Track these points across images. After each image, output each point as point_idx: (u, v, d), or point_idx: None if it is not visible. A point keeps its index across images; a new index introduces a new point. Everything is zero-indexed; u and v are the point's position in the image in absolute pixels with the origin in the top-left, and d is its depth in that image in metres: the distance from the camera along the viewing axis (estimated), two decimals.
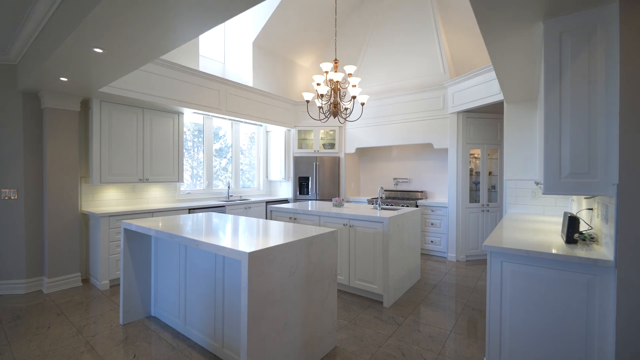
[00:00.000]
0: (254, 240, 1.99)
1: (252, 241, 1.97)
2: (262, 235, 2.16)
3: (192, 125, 5.35)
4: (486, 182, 4.97)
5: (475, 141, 4.93)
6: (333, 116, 4.22)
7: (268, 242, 1.92)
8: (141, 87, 3.91)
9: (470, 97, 4.55)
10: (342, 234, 3.50)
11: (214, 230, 2.37)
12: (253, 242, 1.95)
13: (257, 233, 2.24)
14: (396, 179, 6.18)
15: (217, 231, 2.32)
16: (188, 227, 2.49)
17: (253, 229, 2.44)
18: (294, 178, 6.17)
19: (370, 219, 3.26)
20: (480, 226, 4.94)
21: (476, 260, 4.89)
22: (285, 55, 6.73)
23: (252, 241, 1.97)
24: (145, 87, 3.94)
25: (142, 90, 3.91)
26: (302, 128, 6.23)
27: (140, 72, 3.88)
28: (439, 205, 5.08)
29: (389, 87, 5.72)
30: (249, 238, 2.07)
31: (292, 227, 2.49)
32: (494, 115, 4.96)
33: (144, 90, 3.93)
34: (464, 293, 3.57)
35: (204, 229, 2.38)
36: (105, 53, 2.38)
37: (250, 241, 1.97)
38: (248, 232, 2.30)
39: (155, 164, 4.36)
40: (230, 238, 2.07)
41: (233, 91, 5.06)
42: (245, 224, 2.65)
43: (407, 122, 5.43)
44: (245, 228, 2.47)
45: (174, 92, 4.25)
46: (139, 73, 3.87)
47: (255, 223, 2.72)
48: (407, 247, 3.61)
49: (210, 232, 2.26)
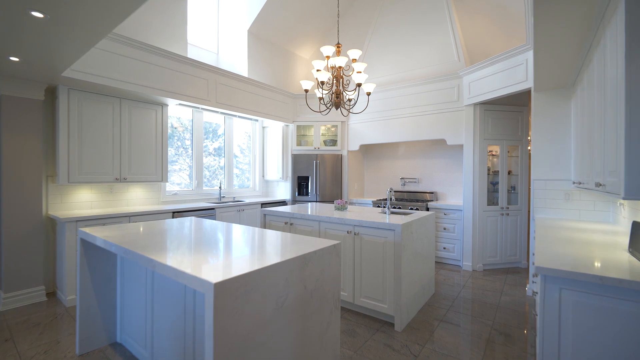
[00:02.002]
0: (230, 260, 1.49)
1: (227, 261, 1.47)
2: (243, 252, 1.66)
3: (187, 122, 4.86)
4: (505, 183, 4.45)
5: (494, 137, 4.42)
6: (335, 108, 3.72)
7: (248, 264, 1.42)
8: (117, 74, 3.42)
9: (489, 87, 4.03)
10: (345, 243, 3.00)
11: (185, 242, 1.87)
12: (227, 263, 1.45)
13: (237, 248, 1.74)
14: (404, 179, 5.67)
15: (188, 245, 1.82)
16: (157, 237, 1.99)
17: (234, 241, 1.94)
18: (292, 178, 5.67)
19: (379, 226, 2.76)
20: (499, 232, 4.43)
21: (494, 270, 4.38)
22: (284, 45, 6.23)
23: (226, 262, 1.47)
24: (122, 74, 3.45)
25: (118, 77, 3.42)
26: (301, 123, 5.74)
27: (115, 56, 3.39)
28: (452, 208, 4.57)
29: (396, 78, 5.21)
30: (224, 256, 1.57)
31: (284, 239, 1.99)
32: (514, 108, 4.45)
33: (120, 77, 3.44)
34: (488, 312, 3.06)
35: (173, 242, 1.89)
36: (48, 19, 1.89)
37: (223, 262, 1.47)
38: (226, 246, 1.80)
39: (134, 162, 3.87)
40: (200, 256, 1.57)
41: (224, 81, 4.56)
42: (226, 235, 2.15)
43: (417, 115, 4.92)
44: (226, 240, 1.97)
45: (155, 80, 3.75)
46: (113, 57, 3.38)
47: (241, 233, 2.22)
48: (421, 257, 3.11)
49: (179, 246, 1.76)
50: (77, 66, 3.12)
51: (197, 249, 1.71)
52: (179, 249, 1.68)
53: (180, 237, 2.01)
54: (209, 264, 1.41)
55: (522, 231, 4.50)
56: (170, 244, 1.80)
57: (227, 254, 1.60)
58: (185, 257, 1.52)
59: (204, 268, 1.34)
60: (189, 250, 1.68)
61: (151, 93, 3.71)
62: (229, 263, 1.43)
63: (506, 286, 3.76)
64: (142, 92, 3.64)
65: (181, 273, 1.31)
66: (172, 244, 1.81)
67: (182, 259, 1.48)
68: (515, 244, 4.48)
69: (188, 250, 1.66)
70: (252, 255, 1.58)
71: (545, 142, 3.37)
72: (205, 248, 1.73)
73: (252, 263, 1.43)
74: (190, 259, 1.50)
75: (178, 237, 2.01)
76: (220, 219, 4.49)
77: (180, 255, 1.56)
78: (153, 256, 1.52)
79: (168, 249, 1.70)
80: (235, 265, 1.38)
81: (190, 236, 2.06)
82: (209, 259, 1.49)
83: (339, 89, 3.68)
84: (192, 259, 1.49)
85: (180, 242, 1.86)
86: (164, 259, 1.48)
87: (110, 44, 3.35)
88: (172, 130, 4.80)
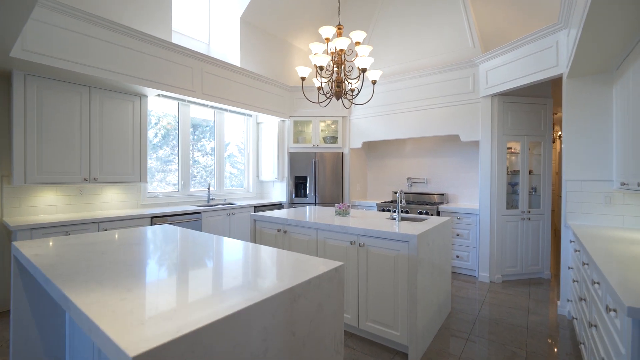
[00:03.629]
0: (181, 303, 1.01)
1: (174, 306, 0.99)
2: (205, 286, 1.18)
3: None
4: (526, 183, 3.98)
5: (514, 132, 3.94)
6: (336, 98, 3.24)
7: (205, 310, 0.94)
8: (85, 58, 2.95)
9: (510, 75, 3.56)
10: (348, 256, 2.52)
11: (135, 267, 1.39)
12: (174, 308, 0.97)
13: (199, 278, 1.26)
14: (410, 179, 5.20)
15: (136, 271, 1.34)
16: (102, 259, 1.52)
17: (200, 265, 1.47)
18: (288, 178, 5.19)
19: (390, 236, 2.28)
20: (519, 238, 3.95)
21: (515, 282, 3.90)
22: (280, 35, 5.76)
23: (173, 306, 0.99)
24: (91, 58, 2.98)
25: (86, 61, 2.95)
26: (298, 118, 5.26)
27: (83, 37, 2.92)
28: (466, 211, 4.09)
29: (403, 68, 4.73)
30: (176, 295, 1.10)
31: (268, 259, 1.51)
32: (537, 100, 3.97)
33: (89, 62, 2.97)
34: (517, 337, 2.58)
35: (119, 267, 1.41)
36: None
37: (168, 307, 0.99)
38: (184, 274, 1.33)
39: (107, 160, 3.40)
40: (140, 294, 1.09)
41: (211, 70, 4.08)
42: (193, 253, 1.67)
43: (426, 109, 4.45)
44: (189, 263, 1.49)
45: (131, 67, 3.28)
46: (80, 38, 2.91)
47: (214, 250, 1.74)
48: (438, 271, 2.63)
49: (121, 275, 1.29)
50: (34, 47, 2.65)
51: (143, 280, 1.23)
52: (118, 280, 1.21)
53: (133, 258, 1.53)
54: (144, 313, 0.93)
55: (544, 238, 4.02)
56: (112, 271, 1.33)
57: (181, 291, 1.12)
58: (118, 296, 1.04)
59: (131, 321, 0.86)
60: (132, 281, 1.20)
61: (125, 81, 3.24)
62: (175, 309, 0.96)
63: (532, 302, 3.28)
64: (116, 79, 3.17)
65: (95, 328, 0.83)
66: (114, 271, 1.33)
67: (110, 300, 1.01)
68: (537, 252, 4.00)
69: (130, 282, 1.19)
70: (217, 291, 1.11)
71: (581, 136, 2.89)
72: (154, 278, 1.25)
73: (212, 309, 0.95)
74: (123, 299, 1.02)
75: (130, 258, 1.53)
76: (207, 224, 4.02)
77: (114, 292, 1.08)
78: (72, 293, 1.05)
79: (105, 279, 1.22)
80: (182, 316, 0.91)
81: (146, 256, 1.58)
82: (149, 301, 1.01)
83: (340, 76, 3.22)
84: (124, 302, 1.01)
85: (128, 267, 1.38)
86: (84, 299, 1.00)
87: (77, 23, 2.88)
88: (165, 131, 4.39)
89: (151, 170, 4.27)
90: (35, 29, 2.66)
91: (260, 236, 3.18)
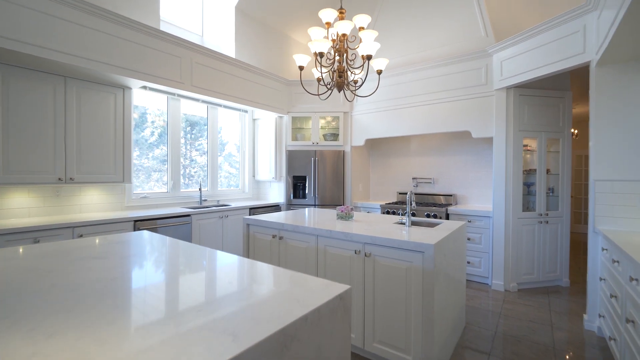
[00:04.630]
0: (117, 358, 0.70)
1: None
2: (162, 326, 0.87)
3: (183, 116, 4.10)
4: (544, 184, 3.67)
5: (531, 127, 3.63)
6: (337, 89, 2.94)
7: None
8: (58, 44, 2.63)
9: (528, 64, 3.24)
10: (353, 267, 2.21)
11: (80, 292, 1.08)
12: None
13: (159, 310, 0.95)
14: (416, 179, 4.89)
15: (68, 299, 1.03)
16: (35, 276, 1.21)
17: (167, 288, 1.16)
18: (286, 178, 4.88)
19: (401, 245, 1.97)
20: (536, 243, 3.64)
21: (531, 291, 3.59)
22: (277, 26, 5.44)
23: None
24: (65, 44, 2.67)
25: (60, 47, 2.64)
26: (297, 114, 4.94)
27: (56, 20, 2.61)
28: (478, 214, 3.78)
29: (408, 60, 4.42)
30: (116, 339, 0.79)
31: (255, 280, 1.20)
32: (555, 93, 3.66)
33: (63, 48, 2.66)
34: (543, 358, 2.27)
35: (60, 295, 1.10)
36: None
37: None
38: (141, 304, 1.01)
39: (85, 159, 3.08)
40: (63, 340, 0.78)
41: (202, 60, 3.76)
42: (163, 271, 1.36)
43: (434, 103, 4.13)
44: (152, 286, 1.18)
45: (112, 55, 2.97)
46: (53, 22, 2.60)
47: (189, 265, 1.43)
48: (453, 283, 2.32)
49: (52, 303, 0.98)
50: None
51: (79, 318, 0.92)
52: (42, 319, 0.89)
53: (82, 280, 1.22)
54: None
55: (563, 242, 3.71)
56: (45, 302, 1.01)
57: (124, 337, 0.81)
58: (30, 349, 0.73)
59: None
60: (62, 321, 0.89)
61: (105, 70, 2.93)
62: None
63: (554, 315, 2.97)
64: (94, 69, 2.86)
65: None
66: (47, 302, 1.02)
67: (13, 356, 0.70)
68: (555, 258, 3.69)
69: (59, 322, 0.87)
70: (177, 332, 0.79)
71: (613, 131, 2.58)
72: (95, 316, 0.94)
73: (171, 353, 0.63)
74: (34, 354, 0.71)
75: (78, 280, 1.22)
76: (197, 228, 3.70)
77: (25, 342, 0.77)
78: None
79: (24, 317, 0.91)
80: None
81: (102, 275, 1.27)
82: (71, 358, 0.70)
83: (342, 65, 2.91)
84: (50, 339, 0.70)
85: (69, 295, 1.07)
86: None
87: (49, 4, 2.57)
88: (162, 129, 4.12)
89: (147, 169, 4.00)
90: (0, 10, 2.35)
91: (253, 242, 2.87)
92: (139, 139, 3.92)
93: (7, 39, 2.39)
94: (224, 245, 4.02)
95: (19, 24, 2.44)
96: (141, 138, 3.96)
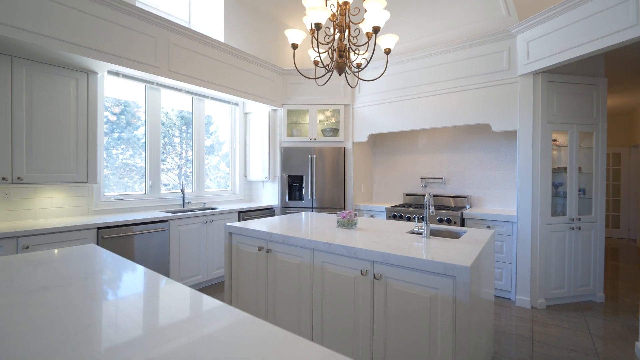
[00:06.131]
0: None
1: None
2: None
3: (177, 112, 3.64)
4: (575, 184, 3.18)
5: (561, 119, 3.15)
6: (338, 72, 2.46)
7: None
8: (3, 14, 2.15)
9: (562, 44, 2.76)
10: (358, 291, 1.72)
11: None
12: None
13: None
14: (425, 179, 4.40)
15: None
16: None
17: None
18: (281, 178, 4.40)
19: (423, 267, 1.48)
20: (567, 253, 3.16)
21: (563, 307, 3.10)
22: (272, 12, 4.95)
23: None
24: (10, 15, 2.18)
25: (6, 19, 2.16)
26: (292, 107, 4.46)
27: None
28: (498, 218, 3.30)
29: (418, 44, 3.94)
30: None
31: (208, 346, 0.72)
32: (587, 79, 3.18)
33: (9, 20, 2.17)
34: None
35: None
36: None
37: None
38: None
39: (37, 155, 2.59)
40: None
41: (180, 42, 3.27)
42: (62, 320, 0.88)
43: (447, 93, 3.65)
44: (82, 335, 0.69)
45: (69, 31, 2.48)
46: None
47: (114, 313, 0.95)
48: (484, 306, 1.83)
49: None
50: None
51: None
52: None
53: None
54: None
55: (597, 252, 3.23)
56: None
57: None
58: None
59: None
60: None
61: (61, 48, 2.44)
62: None
63: (596, 340, 2.49)
64: (47, 46, 2.37)
65: None
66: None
67: None
68: (587, 270, 3.21)
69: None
70: None
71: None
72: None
73: None
74: None
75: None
76: (176, 235, 3.22)
77: None
78: None
79: None
80: None
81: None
82: None
83: (344, 43, 2.42)
84: None
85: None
86: None
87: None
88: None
89: (140, 169, 3.62)
90: None
91: (237, 255, 2.38)
92: (131, 138, 3.57)
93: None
94: (208, 256, 3.53)
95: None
96: (134, 137, 3.58)
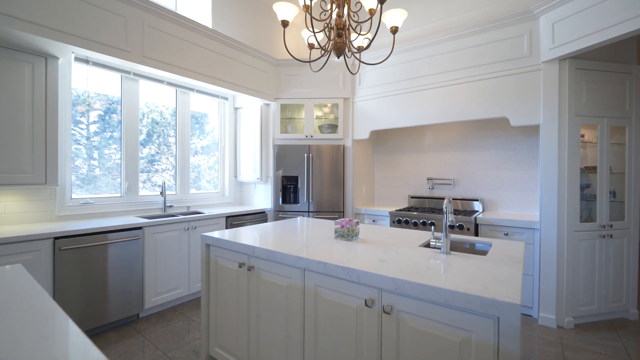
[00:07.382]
0: None
1: None
2: None
3: (171, 110, 3.22)
4: (606, 186, 2.80)
5: (590, 112, 2.77)
6: (336, 55, 2.09)
7: None
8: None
9: (595, 23, 2.37)
10: (361, 329, 1.33)
11: None
12: None
13: None
14: (431, 180, 4.02)
15: None
16: None
17: None
18: (274, 178, 4.00)
19: (452, 300, 1.09)
20: (597, 264, 2.77)
21: (591, 326, 2.72)
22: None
23: None
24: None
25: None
26: (287, 101, 4.07)
27: None
28: (517, 224, 2.91)
29: (425, 30, 3.55)
30: None
31: None
32: (619, 67, 2.80)
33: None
34: None
35: None
36: None
37: None
38: None
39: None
40: None
41: (158, 24, 2.88)
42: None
43: (458, 84, 3.27)
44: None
45: (19, 5, 2.09)
46: None
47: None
48: None
49: None
50: None
51: None
52: None
53: None
54: None
55: (630, 262, 2.84)
56: None
57: None
58: None
59: None
60: None
61: (10, 25, 2.05)
62: None
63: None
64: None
65: None
66: None
67: None
68: (620, 283, 2.83)
69: None
70: None
71: None
72: None
73: None
74: None
75: None
76: (152, 244, 2.82)
77: None
78: None
79: None
80: None
81: None
82: None
83: (343, 20, 2.04)
84: None
85: None
86: None
87: None
88: (152, 126, 3.32)
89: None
90: None
91: (216, 272, 1.99)
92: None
93: None
94: (190, 267, 3.14)
95: None
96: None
